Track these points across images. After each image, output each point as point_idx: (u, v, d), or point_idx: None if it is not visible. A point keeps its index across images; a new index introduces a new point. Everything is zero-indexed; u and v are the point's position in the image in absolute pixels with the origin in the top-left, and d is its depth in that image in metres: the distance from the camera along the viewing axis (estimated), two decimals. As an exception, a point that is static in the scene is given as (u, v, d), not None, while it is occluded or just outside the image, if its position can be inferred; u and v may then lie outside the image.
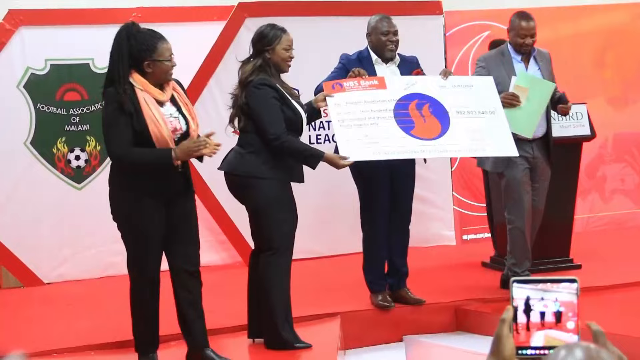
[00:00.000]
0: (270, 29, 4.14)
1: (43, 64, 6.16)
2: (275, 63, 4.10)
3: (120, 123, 3.64)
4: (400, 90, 4.36)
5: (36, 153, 6.16)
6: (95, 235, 6.24)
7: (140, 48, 3.68)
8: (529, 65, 4.85)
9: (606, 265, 5.71)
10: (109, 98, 3.68)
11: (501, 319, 1.49)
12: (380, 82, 4.34)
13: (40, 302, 5.66)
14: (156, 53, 3.69)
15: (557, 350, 1.27)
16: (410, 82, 4.41)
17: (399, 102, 4.32)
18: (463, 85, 4.52)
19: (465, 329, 4.95)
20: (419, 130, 4.30)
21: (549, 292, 1.49)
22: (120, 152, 3.67)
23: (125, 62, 3.67)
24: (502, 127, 4.45)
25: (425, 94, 4.40)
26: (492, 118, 4.44)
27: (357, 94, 4.26)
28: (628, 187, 7.53)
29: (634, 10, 7.55)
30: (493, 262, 5.98)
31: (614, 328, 4.26)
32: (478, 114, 4.43)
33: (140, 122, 3.62)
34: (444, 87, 4.46)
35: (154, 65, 3.69)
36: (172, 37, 6.34)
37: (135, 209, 3.74)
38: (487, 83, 4.58)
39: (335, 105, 4.22)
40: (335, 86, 4.28)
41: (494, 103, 4.49)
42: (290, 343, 4.09)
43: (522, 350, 1.48)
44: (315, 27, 6.37)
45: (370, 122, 4.24)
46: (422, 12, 6.80)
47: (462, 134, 4.36)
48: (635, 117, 7.56)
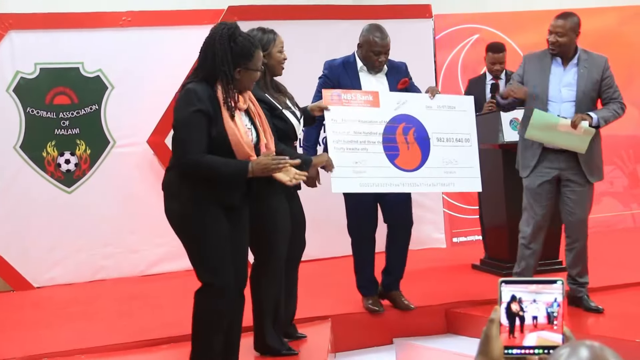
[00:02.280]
0: (262, 33, 4.12)
1: (32, 67, 6.16)
2: (271, 67, 4.10)
3: (201, 127, 3.38)
4: (390, 110, 4.50)
5: (26, 157, 6.15)
6: (86, 239, 6.25)
7: (239, 53, 3.47)
8: (566, 68, 4.63)
9: (596, 268, 5.71)
10: (191, 97, 3.42)
11: (490, 319, 1.50)
12: (374, 98, 4.47)
13: (30, 306, 5.64)
14: (251, 62, 3.51)
15: (559, 349, 1.28)
16: (401, 101, 4.54)
17: (388, 125, 4.47)
18: (447, 107, 4.66)
19: (456, 332, 4.97)
20: (401, 159, 4.49)
21: (540, 294, 1.50)
22: (196, 158, 3.38)
23: (230, 62, 3.44)
24: (472, 158, 4.66)
25: (412, 116, 4.54)
26: (465, 147, 4.65)
27: (352, 110, 4.39)
28: (617, 190, 7.57)
29: (621, 14, 7.60)
30: (483, 264, 6.01)
31: (603, 330, 4.29)
32: (455, 142, 4.63)
33: (219, 129, 3.40)
34: (430, 107, 4.60)
35: (245, 73, 3.50)
36: (161, 41, 6.43)
37: (201, 216, 3.46)
38: (466, 104, 4.72)
39: (332, 122, 4.35)
40: (333, 97, 4.39)
41: (469, 128, 4.68)
42: (276, 350, 4.09)
43: (509, 349, 1.50)
44: (304, 31, 6.39)
45: (361, 148, 4.39)
46: (412, 15, 6.83)
47: (437, 166, 4.57)
48: (624, 120, 7.53)
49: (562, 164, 4.65)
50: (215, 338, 3.62)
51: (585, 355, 1.25)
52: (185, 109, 3.42)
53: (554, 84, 4.63)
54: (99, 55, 6.31)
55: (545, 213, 4.70)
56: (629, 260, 5.99)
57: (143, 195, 6.33)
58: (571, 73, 4.64)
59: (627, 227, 7.52)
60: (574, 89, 4.61)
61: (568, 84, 4.62)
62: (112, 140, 6.36)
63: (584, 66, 4.66)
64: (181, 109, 3.44)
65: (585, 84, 4.61)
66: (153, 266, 6.45)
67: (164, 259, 6.42)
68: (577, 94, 4.60)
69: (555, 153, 4.65)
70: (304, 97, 4.55)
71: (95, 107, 6.32)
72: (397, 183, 4.46)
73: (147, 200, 6.32)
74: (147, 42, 6.39)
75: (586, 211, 4.74)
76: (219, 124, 3.41)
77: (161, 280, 6.24)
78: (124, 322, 4.99)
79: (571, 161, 4.64)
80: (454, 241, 7.15)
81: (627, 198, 7.61)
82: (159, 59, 6.41)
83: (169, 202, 3.54)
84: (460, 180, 4.62)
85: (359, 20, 6.64)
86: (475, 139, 4.68)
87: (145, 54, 6.39)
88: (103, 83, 6.33)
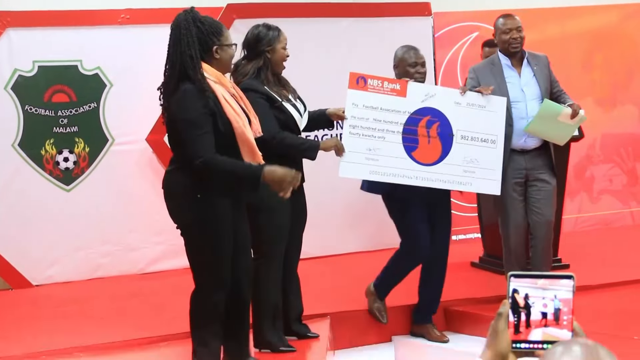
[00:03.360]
0: (267, 29, 4.12)
1: (31, 65, 6.14)
2: (273, 63, 4.10)
3: (207, 126, 3.38)
4: (417, 102, 4.38)
5: (24, 155, 6.14)
6: (84, 237, 6.24)
7: (210, 31, 3.46)
8: (522, 70, 4.70)
9: (594, 265, 5.74)
10: (193, 97, 3.39)
11: (498, 312, 1.50)
12: (402, 87, 4.35)
13: (28, 304, 5.63)
14: (223, 36, 3.50)
15: (554, 347, 1.28)
16: (430, 93, 4.42)
17: (411, 116, 4.35)
18: (477, 105, 4.49)
19: (455, 329, 4.96)
20: (419, 152, 4.37)
21: (548, 289, 1.49)
22: (208, 158, 3.36)
23: (197, 49, 3.41)
24: (496, 161, 4.50)
25: (439, 111, 4.41)
26: (490, 149, 4.49)
27: (376, 97, 4.28)
28: (616, 188, 7.57)
29: (622, 11, 7.59)
30: (482, 262, 6.01)
31: (602, 328, 4.28)
32: (480, 142, 4.48)
33: (224, 121, 3.41)
34: (459, 104, 4.46)
35: (222, 50, 3.49)
36: (160, 39, 6.37)
37: (211, 213, 3.46)
38: (498, 105, 4.54)
39: (353, 106, 4.24)
40: (359, 80, 4.29)
41: (498, 130, 4.51)
42: (275, 345, 4.09)
43: (517, 343, 1.49)
44: (304, 29, 6.37)
45: (378, 135, 4.29)
46: (411, 13, 6.82)
47: (457, 163, 4.44)
48: (623, 118, 7.60)
49: (528, 164, 4.69)
50: (214, 335, 3.63)
51: (579, 353, 1.24)
52: (191, 109, 3.40)
53: (514, 85, 4.69)
54: (97, 53, 6.29)
55: (522, 213, 4.72)
56: (627, 257, 5.98)
57: (142, 193, 6.32)
58: (526, 72, 4.72)
59: (626, 224, 7.51)
60: (535, 87, 4.68)
61: (527, 83, 4.70)
62: (111, 138, 6.35)
63: (535, 64, 4.74)
64: (187, 110, 3.41)
65: (543, 81, 4.70)
66: (152, 264, 6.44)
67: (162, 257, 6.41)
68: (541, 90, 4.67)
69: (520, 154, 4.68)
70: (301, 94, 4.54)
71: (93, 105, 6.30)
72: (410, 175, 4.36)
73: (146, 198, 6.31)
74: (146, 40, 6.37)
75: (553, 211, 4.77)
76: (223, 116, 3.42)
77: (160, 278, 6.23)
78: (123, 320, 4.99)
79: (536, 160, 4.70)
80: (454, 239, 7.11)
81: (626, 196, 7.60)
82: (158, 57, 6.28)
83: (175, 202, 3.53)
84: (478, 180, 4.49)
85: (359, 18, 6.66)
86: (502, 142, 4.52)
87: (144, 51, 6.36)
88: (102, 81, 6.31)
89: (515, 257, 4.77)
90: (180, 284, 5.87)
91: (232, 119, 3.43)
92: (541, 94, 4.67)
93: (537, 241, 4.75)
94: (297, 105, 4.16)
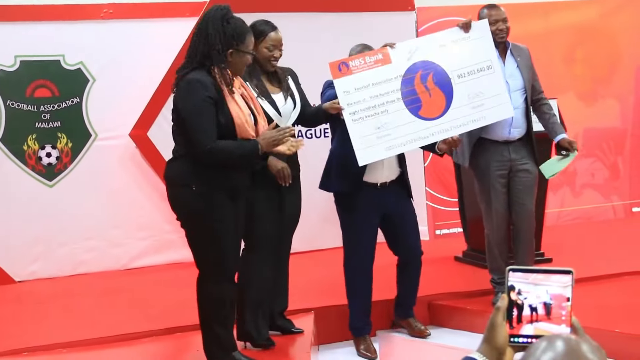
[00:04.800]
0: (260, 25, 4.08)
1: (12, 60, 6.10)
2: (258, 62, 4.06)
3: (211, 115, 3.42)
4: (404, 62, 4.32)
5: (6, 150, 6.10)
6: (67, 233, 6.21)
7: (232, 34, 3.47)
8: (506, 60, 4.70)
9: (577, 259, 5.77)
10: (197, 86, 3.42)
11: (496, 306, 1.50)
12: (384, 56, 4.30)
13: (11, 300, 5.61)
14: (243, 44, 3.51)
15: (539, 342, 1.28)
16: (413, 49, 4.36)
17: (404, 78, 4.30)
18: (461, 39, 4.47)
19: (439, 323, 4.98)
20: (425, 109, 4.31)
21: (540, 285, 1.50)
22: (210, 145, 3.40)
23: (223, 43, 3.44)
24: (498, 84, 4.48)
25: (428, 61, 4.37)
26: (489, 75, 4.46)
27: (363, 75, 4.22)
28: (598, 182, 7.62)
29: (604, 6, 7.64)
30: (466, 256, 6.03)
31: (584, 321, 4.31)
32: (477, 73, 4.45)
33: (225, 113, 3.44)
34: (444, 45, 4.43)
35: (237, 55, 3.50)
36: (143, 34, 6.39)
37: (211, 205, 3.49)
38: (481, 29, 4.52)
39: (345, 94, 4.16)
40: (341, 67, 4.21)
41: (489, 53, 4.50)
42: (252, 338, 4.09)
43: (515, 337, 1.49)
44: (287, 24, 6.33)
45: (381, 110, 4.22)
46: (394, 8, 6.82)
47: (463, 104, 4.40)
48: (605, 113, 7.65)
49: (512, 155, 4.71)
50: (221, 324, 3.67)
51: (561, 348, 1.25)
52: (193, 98, 3.43)
53: None
54: (80, 47, 6.25)
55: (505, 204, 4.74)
56: (609, 251, 6.03)
57: (125, 189, 6.30)
58: (510, 63, 4.72)
59: (608, 218, 7.57)
60: (519, 78, 4.70)
61: (511, 74, 4.70)
62: (94, 133, 6.32)
63: (518, 55, 4.75)
64: (189, 99, 3.45)
65: (527, 72, 4.73)
66: (135, 260, 6.42)
67: (146, 252, 6.40)
68: (524, 82, 4.69)
69: (505, 145, 4.70)
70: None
71: (76, 100, 6.27)
72: (425, 135, 4.29)
73: (129, 194, 6.30)
74: (129, 35, 6.35)
75: (533, 201, 4.80)
76: (225, 110, 3.44)
77: (143, 274, 6.22)
78: (106, 316, 4.97)
79: (521, 151, 4.72)
80: (437, 233, 7.17)
81: (608, 190, 7.66)
82: (141, 52, 6.36)
83: (177, 192, 3.56)
84: (489, 110, 4.44)
85: (342, 12, 6.66)
86: (497, 63, 4.50)
87: (127, 46, 6.34)
88: (84, 76, 6.28)
89: (498, 248, 4.78)
90: (163, 280, 5.90)
91: (233, 113, 3.46)
92: (525, 85, 4.69)
93: (520, 234, 4.77)
94: (276, 103, 4.11)
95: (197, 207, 3.50)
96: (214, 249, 3.56)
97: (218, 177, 3.50)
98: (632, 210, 7.69)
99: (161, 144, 6.17)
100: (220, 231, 3.54)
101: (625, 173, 7.71)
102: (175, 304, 4.98)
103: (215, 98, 3.43)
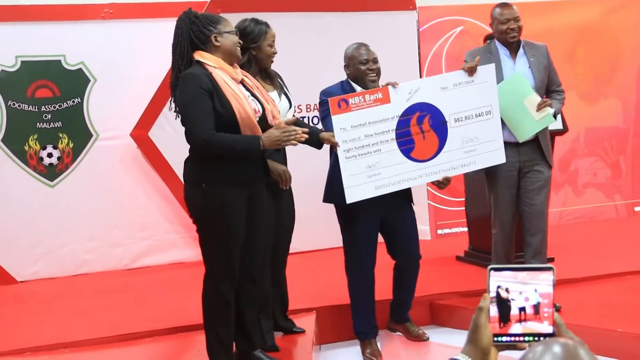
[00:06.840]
0: (255, 24, 4.09)
1: (13, 60, 6.10)
2: (259, 60, 4.07)
3: (204, 105, 3.42)
4: (402, 102, 4.29)
5: (7, 151, 6.11)
6: (69, 233, 6.22)
7: (205, 23, 3.54)
8: (517, 60, 4.66)
9: (579, 258, 5.77)
10: (188, 79, 3.47)
11: (478, 307, 1.49)
12: (384, 94, 4.25)
13: (13, 300, 5.61)
14: (221, 24, 3.56)
15: (535, 346, 1.28)
16: (413, 89, 4.33)
17: (401, 119, 4.28)
18: (464, 82, 4.43)
19: (440, 323, 4.98)
20: (418, 150, 4.32)
21: (529, 283, 1.49)
22: (206, 136, 3.39)
23: (187, 43, 3.53)
24: (495, 130, 4.47)
25: (426, 103, 4.34)
26: (486, 121, 4.45)
27: (361, 114, 4.19)
28: (600, 181, 7.62)
29: (606, 5, 7.63)
30: (467, 256, 6.03)
31: (587, 320, 4.31)
32: (475, 118, 4.43)
33: (223, 102, 3.44)
34: (445, 88, 4.39)
35: (221, 37, 3.54)
36: (144, 34, 6.39)
37: (221, 203, 3.49)
38: (486, 74, 4.47)
39: (341, 131, 4.15)
40: (341, 104, 4.17)
41: (491, 99, 4.46)
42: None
43: (499, 337, 1.48)
44: (288, 23, 6.36)
45: (374, 150, 4.22)
46: (396, 7, 6.82)
47: (456, 148, 4.40)
48: (607, 112, 7.65)
49: (522, 156, 4.66)
50: (224, 324, 3.66)
51: (559, 353, 1.24)
52: (187, 91, 3.47)
53: (508, 74, 4.64)
54: (81, 47, 6.26)
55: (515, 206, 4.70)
56: (611, 251, 6.03)
57: (126, 189, 6.30)
58: (521, 62, 4.67)
59: (610, 217, 7.56)
60: (530, 77, 4.64)
61: (522, 73, 4.63)
62: (95, 133, 6.32)
63: (532, 54, 4.69)
64: (183, 94, 3.49)
65: (539, 72, 4.66)
66: (136, 260, 6.42)
67: (147, 252, 6.40)
68: (535, 81, 4.63)
69: (514, 146, 4.63)
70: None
71: (77, 101, 6.28)
72: (414, 177, 4.31)
73: (131, 194, 6.30)
74: (130, 35, 6.35)
75: (546, 202, 4.74)
76: (222, 99, 3.45)
77: (144, 274, 6.23)
78: (108, 316, 4.97)
79: (531, 152, 4.66)
80: (439, 233, 7.16)
81: (610, 189, 7.65)
82: (142, 52, 6.37)
83: (189, 190, 3.59)
84: (480, 156, 4.44)
85: (344, 12, 6.65)
86: (497, 109, 4.46)
87: (128, 46, 6.35)
88: (85, 76, 6.28)
89: (503, 249, 4.75)
90: (165, 280, 5.90)
91: (230, 99, 3.46)
92: (535, 85, 4.63)
93: (531, 233, 4.70)
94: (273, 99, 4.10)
95: (207, 205, 3.50)
96: (220, 247, 3.56)
97: (227, 173, 3.50)
98: (635, 210, 7.68)
99: (162, 144, 6.18)
100: (228, 229, 3.53)
101: (628, 172, 7.70)
102: (177, 304, 4.98)
103: (209, 89, 3.44)
